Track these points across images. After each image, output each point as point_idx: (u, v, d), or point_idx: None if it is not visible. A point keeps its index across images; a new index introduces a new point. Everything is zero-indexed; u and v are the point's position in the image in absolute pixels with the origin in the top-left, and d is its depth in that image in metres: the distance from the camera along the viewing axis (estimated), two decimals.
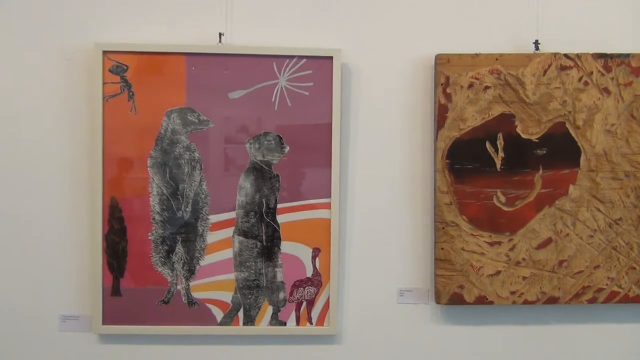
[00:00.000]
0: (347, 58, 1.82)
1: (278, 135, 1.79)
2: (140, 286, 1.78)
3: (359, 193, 1.84)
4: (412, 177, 1.85)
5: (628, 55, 1.77)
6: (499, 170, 1.78)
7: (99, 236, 1.76)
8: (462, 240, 1.78)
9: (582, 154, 1.78)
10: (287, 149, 1.79)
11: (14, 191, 1.80)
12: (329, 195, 1.79)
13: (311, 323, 1.82)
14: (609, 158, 1.78)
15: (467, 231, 1.78)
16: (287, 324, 1.82)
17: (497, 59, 1.77)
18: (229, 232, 1.79)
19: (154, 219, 1.78)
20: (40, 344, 1.82)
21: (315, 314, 1.82)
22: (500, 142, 1.78)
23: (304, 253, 1.81)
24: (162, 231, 1.78)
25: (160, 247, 1.78)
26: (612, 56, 1.77)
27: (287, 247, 1.80)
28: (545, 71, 1.77)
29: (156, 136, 1.77)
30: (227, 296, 1.80)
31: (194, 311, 1.80)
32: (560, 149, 1.78)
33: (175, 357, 1.83)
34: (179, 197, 1.78)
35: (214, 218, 1.79)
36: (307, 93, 1.78)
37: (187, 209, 1.78)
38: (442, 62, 1.76)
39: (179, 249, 1.79)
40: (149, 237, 1.78)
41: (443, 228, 1.79)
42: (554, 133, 1.78)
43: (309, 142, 1.79)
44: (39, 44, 1.79)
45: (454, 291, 1.79)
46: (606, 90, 1.77)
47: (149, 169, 1.77)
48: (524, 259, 1.79)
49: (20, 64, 1.78)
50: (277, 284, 1.81)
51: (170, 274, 1.79)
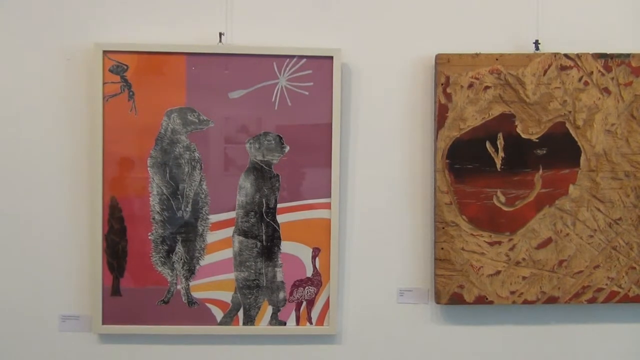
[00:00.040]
0: (347, 58, 1.82)
1: (278, 135, 1.79)
2: (140, 286, 1.78)
3: (359, 193, 1.84)
4: (412, 177, 1.85)
5: (628, 55, 1.77)
6: (499, 170, 1.78)
7: (99, 236, 1.77)
8: (462, 240, 1.78)
9: (582, 154, 1.78)
10: (287, 148, 1.79)
11: (14, 191, 1.80)
12: (329, 195, 1.79)
13: (311, 323, 1.82)
14: (609, 158, 1.78)
15: (467, 231, 1.78)
16: (287, 323, 1.82)
17: (497, 59, 1.77)
18: (229, 232, 1.79)
19: (154, 218, 1.78)
20: (40, 344, 1.82)
21: (315, 313, 1.82)
22: (500, 142, 1.78)
23: (304, 253, 1.81)
24: (162, 231, 1.78)
25: (160, 247, 1.78)
26: (612, 56, 1.77)
27: (287, 247, 1.80)
28: (545, 71, 1.77)
29: (156, 136, 1.77)
30: (227, 296, 1.80)
31: (194, 311, 1.80)
32: (561, 149, 1.78)
33: (175, 357, 1.83)
34: (179, 196, 1.78)
35: (214, 218, 1.79)
36: (307, 93, 1.78)
37: (187, 209, 1.78)
38: (442, 62, 1.76)
39: (179, 248, 1.79)
40: (149, 237, 1.78)
41: (443, 228, 1.79)
42: (554, 133, 1.78)
43: (309, 142, 1.79)
44: (39, 44, 1.78)
45: (454, 291, 1.79)
46: (606, 90, 1.77)
47: (149, 168, 1.77)
48: (523, 259, 1.79)
49: (20, 64, 1.78)
50: (277, 283, 1.81)
51: (170, 273, 1.79)
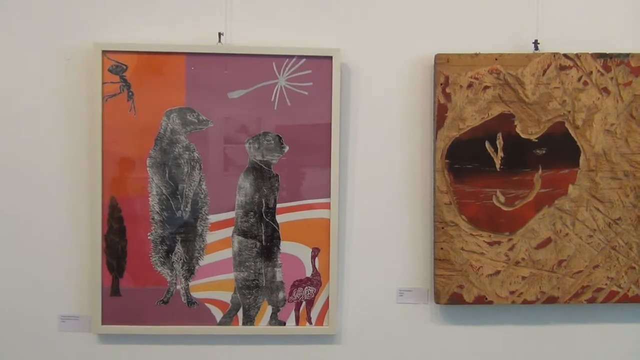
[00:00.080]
0: (347, 58, 1.82)
1: (277, 135, 1.79)
2: (140, 286, 1.79)
3: (358, 193, 1.84)
4: (411, 177, 1.85)
5: (627, 55, 1.77)
6: (498, 170, 1.78)
7: (99, 236, 1.77)
8: (461, 240, 1.78)
9: (582, 154, 1.78)
10: (286, 148, 1.79)
11: (14, 191, 1.80)
12: (328, 195, 1.79)
13: (310, 323, 1.82)
14: (608, 158, 1.78)
15: (467, 231, 1.78)
16: (287, 323, 1.82)
17: (496, 59, 1.77)
18: (228, 232, 1.79)
19: (153, 218, 1.78)
20: (40, 344, 1.82)
21: (314, 313, 1.82)
22: (499, 142, 1.78)
23: (303, 253, 1.81)
24: (162, 231, 1.78)
25: (160, 247, 1.78)
26: (611, 56, 1.77)
27: (286, 247, 1.80)
28: (544, 71, 1.77)
29: (155, 136, 1.77)
30: (226, 296, 1.80)
31: (194, 311, 1.80)
32: (560, 149, 1.78)
33: (174, 357, 1.83)
34: (179, 197, 1.78)
35: (213, 218, 1.79)
36: (306, 93, 1.78)
37: (186, 209, 1.78)
38: (442, 62, 1.76)
39: (179, 248, 1.79)
40: (149, 237, 1.78)
41: (442, 228, 1.79)
42: (553, 133, 1.78)
43: (308, 142, 1.79)
44: (39, 44, 1.79)
45: (454, 291, 1.79)
46: (605, 90, 1.77)
47: (148, 168, 1.77)
48: (523, 259, 1.79)
49: (20, 64, 1.79)
50: (276, 283, 1.81)
51: (170, 273, 1.79)
